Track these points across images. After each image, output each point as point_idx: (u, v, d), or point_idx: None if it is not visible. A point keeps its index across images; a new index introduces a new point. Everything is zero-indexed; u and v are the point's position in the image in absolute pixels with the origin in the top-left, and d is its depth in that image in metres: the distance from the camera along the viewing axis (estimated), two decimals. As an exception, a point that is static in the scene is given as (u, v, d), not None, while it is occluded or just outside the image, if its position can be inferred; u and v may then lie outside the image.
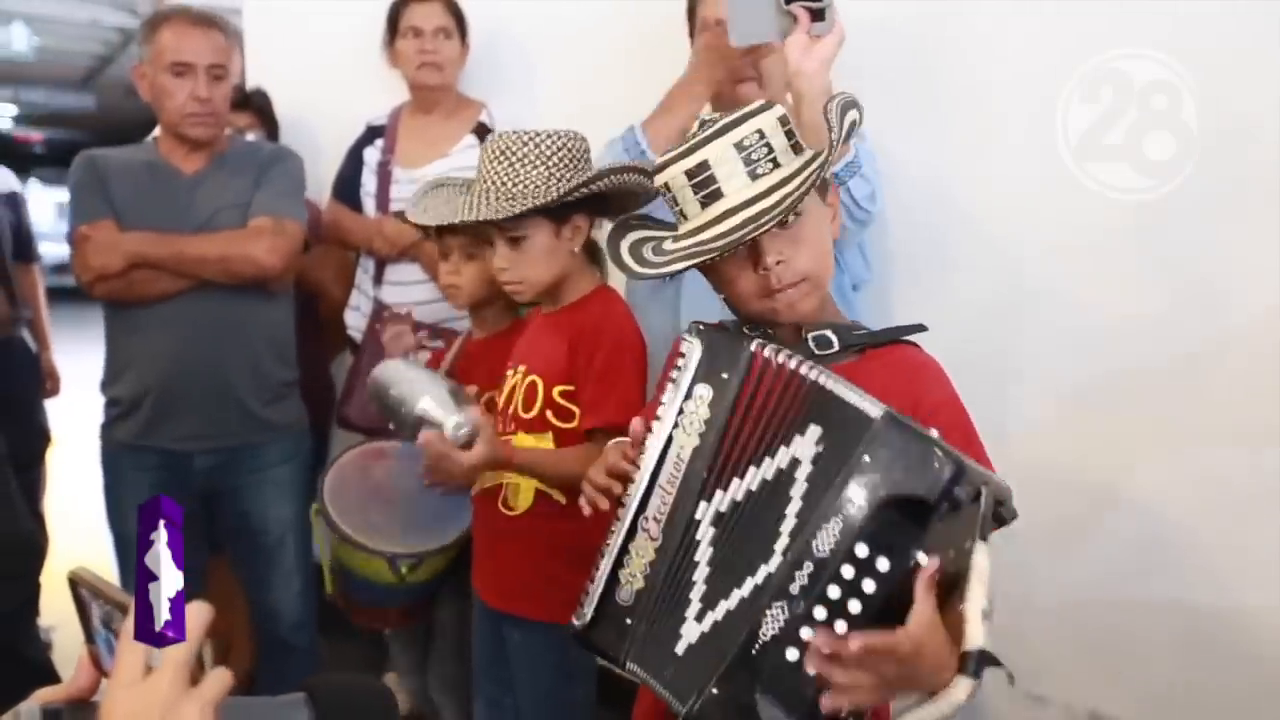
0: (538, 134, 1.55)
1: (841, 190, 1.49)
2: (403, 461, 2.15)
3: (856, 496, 0.91)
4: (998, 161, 1.79)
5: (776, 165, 1.10)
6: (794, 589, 0.92)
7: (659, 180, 1.16)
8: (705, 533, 1.00)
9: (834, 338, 1.12)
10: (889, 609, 0.87)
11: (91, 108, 12.82)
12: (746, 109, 1.12)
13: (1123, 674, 1.76)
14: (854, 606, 0.89)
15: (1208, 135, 1.57)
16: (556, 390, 1.59)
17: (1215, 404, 1.61)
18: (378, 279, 2.48)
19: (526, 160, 1.54)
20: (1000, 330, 1.81)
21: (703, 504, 1.01)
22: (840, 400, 0.96)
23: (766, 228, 1.06)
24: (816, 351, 1.12)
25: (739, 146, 1.09)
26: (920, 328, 1.17)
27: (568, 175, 1.54)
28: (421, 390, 1.61)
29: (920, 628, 0.84)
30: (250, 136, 2.63)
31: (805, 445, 0.97)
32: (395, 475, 2.13)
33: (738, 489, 1.00)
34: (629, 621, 1.03)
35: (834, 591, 0.90)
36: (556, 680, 1.66)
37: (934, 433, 0.91)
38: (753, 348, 1.02)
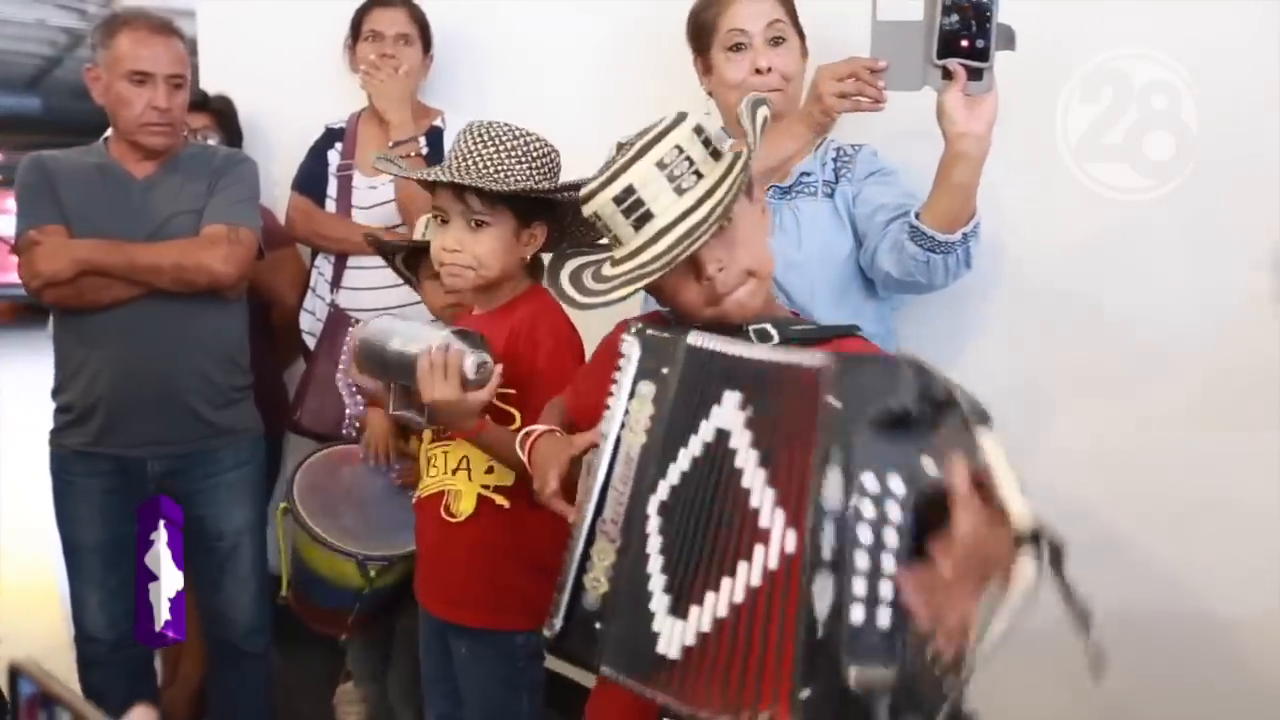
0: (523, 130, 1.55)
1: (960, 249, 1.46)
2: (371, 463, 2.16)
3: (841, 436, 0.89)
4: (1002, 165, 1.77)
5: (700, 176, 1.12)
6: (827, 554, 0.87)
7: (588, 211, 1.16)
8: (653, 524, 1.02)
9: (774, 331, 1.14)
10: (925, 531, 0.83)
11: (38, 110, 12.59)
12: (660, 125, 1.13)
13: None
14: (890, 538, 0.84)
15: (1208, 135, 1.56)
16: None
17: (1215, 403, 1.60)
18: (335, 283, 2.46)
19: (514, 151, 1.53)
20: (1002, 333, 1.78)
21: (651, 498, 1.03)
22: (761, 363, 0.98)
23: (702, 241, 1.07)
24: (757, 344, 1.13)
25: (660, 165, 1.11)
26: (854, 329, 1.20)
27: (546, 178, 1.55)
28: (431, 332, 1.53)
29: (969, 516, 0.79)
30: (211, 140, 2.60)
31: (727, 414, 0.98)
32: (365, 477, 2.14)
33: (673, 474, 1.01)
34: (598, 626, 1.03)
35: (865, 534, 0.85)
36: (503, 690, 1.65)
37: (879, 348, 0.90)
38: (689, 340, 1.04)
